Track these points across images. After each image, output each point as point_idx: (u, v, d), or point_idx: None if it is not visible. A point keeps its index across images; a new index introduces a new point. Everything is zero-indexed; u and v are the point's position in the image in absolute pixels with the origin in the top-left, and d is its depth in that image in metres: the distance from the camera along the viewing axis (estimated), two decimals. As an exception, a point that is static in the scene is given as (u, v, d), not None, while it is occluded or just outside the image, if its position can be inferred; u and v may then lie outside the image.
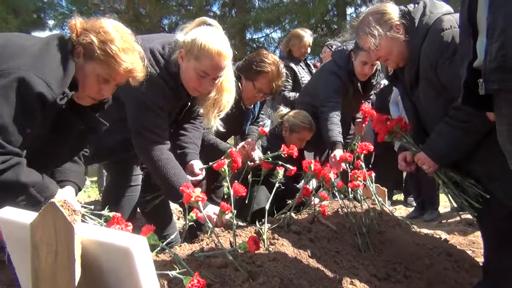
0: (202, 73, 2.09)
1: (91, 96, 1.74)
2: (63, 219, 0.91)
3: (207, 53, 2.04)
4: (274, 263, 1.69)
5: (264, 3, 13.75)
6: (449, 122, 1.92)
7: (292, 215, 2.21)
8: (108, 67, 1.67)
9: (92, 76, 1.68)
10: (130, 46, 1.73)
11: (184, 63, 2.12)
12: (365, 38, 2.10)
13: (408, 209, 5.38)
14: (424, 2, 2.07)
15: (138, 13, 13.08)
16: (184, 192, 1.64)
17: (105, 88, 1.73)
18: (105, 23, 1.70)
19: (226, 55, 2.09)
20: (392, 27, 2.04)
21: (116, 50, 1.65)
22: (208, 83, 2.14)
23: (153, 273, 0.94)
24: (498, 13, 1.17)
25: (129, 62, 1.69)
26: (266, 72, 2.71)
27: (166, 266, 1.54)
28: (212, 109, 2.28)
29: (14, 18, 12.68)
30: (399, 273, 2.12)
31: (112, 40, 1.66)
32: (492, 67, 1.18)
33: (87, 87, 1.70)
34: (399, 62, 2.11)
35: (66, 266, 0.91)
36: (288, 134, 3.31)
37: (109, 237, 0.94)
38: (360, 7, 13.79)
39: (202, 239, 2.01)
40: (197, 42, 2.05)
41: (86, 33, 1.66)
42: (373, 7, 2.16)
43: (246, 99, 2.85)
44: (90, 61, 1.66)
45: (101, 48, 1.64)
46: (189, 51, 2.08)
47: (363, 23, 2.12)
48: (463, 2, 1.39)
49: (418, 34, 1.99)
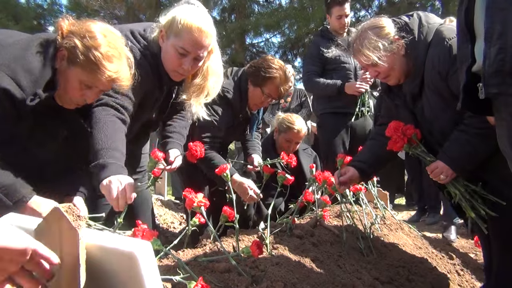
0: (182, 49, 1.96)
1: (74, 101, 1.68)
2: (68, 224, 0.91)
3: (187, 28, 1.93)
4: (277, 267, 1.69)
5: (264, 8, 13.78)
6: (465, 130, 1.90)
7: (294, 219, 2.21)
8: (91, 74, 1.60)
9: (74, 80, 1.61)
10: (117, 53, 1.65)
11: (164, 43, 2.01)
12: (366, 53, 2.02)
13: (410, 213, 5.37)
14: (418, 14, 2.06)
15: (138, 19, 13.10)
16: (187, 197, 1.64)
17: (88, 94, 1.67)
18: (93, 27, 1.62)
19: (207, 32, 1.96)
20: (392, 41, 2.01)
21: (100, 57, 1.57)
22: (188, 62, 1.99)
23: (157, 278, 0.94)
24: (496, 17, 1.17)
25: (112, 71, 1.61)
26: (275, 78, 2.74)
27: (170, 271, 1.54)
28: (197, 94, 2.16)
29: (14, 24, 12.71)
30: (402, 276, 2.12)
31: (97, 46, 1.58)
32: (491, 71, 1.18)
33: (69, 91, 1.64)
34: (400, 77, 2.07)
35: (71, 272, 0.91)
36: (277, 136, 3.35)
37: (113, 242, 0.94)
38: (359, 11, 13.84)
39: (205, 244, 2.00)
40: (176, 18, 1.95)
41: (71, 36, 1.59)
42: (369, 23, 2.10)
43: (253, 105, 2.88)
44: (73, 65, 1.59)
45: (84, 54, 1.57)
46: (169, 29, 1.97)
47: (363, 38, 2.05)
48: (460, 7, 1.39)
49: (420, 45, 1.98)
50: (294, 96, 5.29)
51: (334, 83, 3.69)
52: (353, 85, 3.63)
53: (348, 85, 3.64)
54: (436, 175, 1.98)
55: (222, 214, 1.76)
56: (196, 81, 2.13)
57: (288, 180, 2.31)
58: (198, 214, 1.69)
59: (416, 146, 2.10)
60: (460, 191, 1.98)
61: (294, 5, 12.98)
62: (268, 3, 13.90)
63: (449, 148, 1.97)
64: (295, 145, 3.40)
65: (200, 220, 1.72)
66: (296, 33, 13.08)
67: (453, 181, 1.99)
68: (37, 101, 1.55)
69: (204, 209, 1.65)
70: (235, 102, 2.78)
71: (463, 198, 1.97)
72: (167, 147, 2.25)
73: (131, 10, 13.19)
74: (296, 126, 3.31)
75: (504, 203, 1.88)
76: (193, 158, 1.97)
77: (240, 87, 2.81)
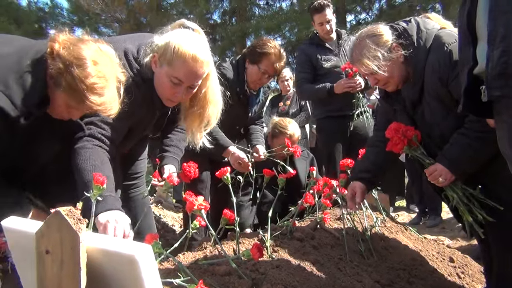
0: (175, 79, 1.88)
1: (61, 117, 1.65)
2: (69, 228, 0.92)
3: (180, 57, 1.83)
4: (278, 270, 1.69)
5: (265, 11, 13.82)
6: (466, 134, 1.91)
7: (295, 222, 2.21)
8: (74, 100, 1.54)
9: (60, 101, 1.57)
10: (105, 84, 1.56)
11: (157, 68, 1.93)
12: (365, 63, 2.01)
13: (410, 215, 5.37)
14: (416, 20, 2.06)
15: (139, 22, 13.16)
16: (187, 200, 1.65)
17: (74, 113, 1.64)
18: (84, 53, 1.53)
19: (202, 61, 1.87)
20: (390, 49, 2.00)
21: (84, 89, 1.50)
22: (182, 91, 1.92)
23: (158, 281, 0.94)
24: (499, 20, 1.18)
25: (96, 103, 1.54)
26: (270, 54, 2.87)
27: (170, 274, 1.54)
28: (198, 123, 2.09)
29: (16, 27, 12.76)
30: (403, 279, 2.12)
31: (82, 77, 1.50)
32: (494, 74, 1.18)
33: (56, 108, 1.61)
34: (399, 84, 2.08)
35: (72, 275, 0.92)
36: (271, 140, 3.36)
37: (114, 245, 0.95)
38: (359, 14, 13.87)
39: (205, 247, 2.01)
40: (170, 45, 1.85)
41: (59, 60, 1.52)
42: (367, 31, 2.08)
43: (251, 82, 2.98)
44: (58, 88, 1.53)
45: (68, 82, 1.50)
46: (162, 56, 1.88)
47: (361, 47, 2.04)
48: (461, 9, 1.40)
49: (419, 51, 1.98)
50: (293, 100, 5.29)
51: (324, 86, 3.70)
52: (340, 84, 3.63)
53: (336, 85, 3.64)
54: (435, 178, 1.98)
55: (223, 217, 1.76)
56: (194, 110, 2.06)
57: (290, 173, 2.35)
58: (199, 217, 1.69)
59: (416, 148, 2.09)
60: (458, 194, 1.98)
61: (295, 8, 13.03)
62: (268, 6, 13.95)
63: (449, 151, 1.97)
64: None
65: (200, 223, 1.72)
66: (296, 36, 13.10)
67: (452, 185, 1.99)
68: (31, 119, 1.54)
69: (205, 212, 1.66)
70: (233, 79, 2.91)
71: (461, 202, 1.97)
72: (163, 163, 2.22)
73: (132, 13, 13.25)
74: (289, 131, 3.35)
75: (502, 208, 1.87)
76: (187, 179, 1.97)
77: (237, 67, 2.97)
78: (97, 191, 1.45)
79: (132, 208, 2.54)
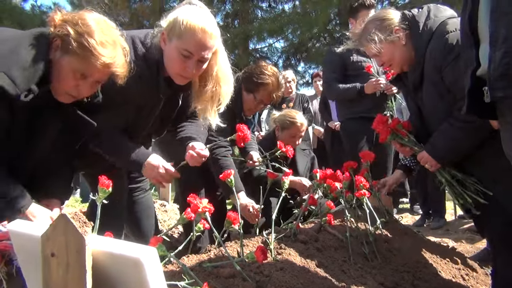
0: (185, 52, 1.89)
1: (68, 92, 1.63)
2: (74, 231, 0.92)
3: (190, 29, 1.86)
4: (282, 272, 1.69)
5: (267, 13, 13.83)
6: (451, 122, 1.97)
7: (298, 224, 2.21)
8: (84, 61, 1.55)
9: (67, 70, 1.57)
10: (111, 40, 1.61)
11: (166, 45, 1.95)
12: (367, 45, 2.16)
13: (414, 217, 5.36)
14: (429, 7, 2.11)
15: (142, 25, 13.17)
16: (191, 202, 1.65)
17: (83, 85, 1.62)
18: (86, 15, 1.59)
19: (211, 33, 1.90)
20: (392, 31, 2.10)
21: (94, 43, 1.53)
22: (193, 65, 1.93)
23: (163, 284, 0.94)
24: (500, 21, 1.18)
25: (107, 56, 1.57)
26: (267, 84, 2.77)
27: (175, 277, 1.54)
28: (211, 103, 2.11)
29: (20, 31, 12.80)
30: (407, 281, 2.11)
31: (90, 32, 1.54)
32: (496, 75, 1.19)
33: (62, 81, 1.60)
34: (403, 66, 2.17)
35: (78, 278, 0.92)
36: (281, 133, 3.38)
37: (119, 248, 0.95)
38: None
39: (209, 250, 2.01)
40: (178, 20, 1.89)
41: (63, 25, 1.56)
42: (374, 15, 2.26)
43: (247, 110, 2.92)
44: (66, 54, 1.55)
45: (77, 40, 1.53)
46: (171, 31, 1.91)
47: (365, 31, 2.19)
48: (463, 12, 1.40)
49: (422, 37, 2.03)
50: (296, 102, 5.32)
51: (354, 86, 3.68)
52: (371, 83, 3.60)
53: (367, 85, 3.62)
54: (424, 164, 2.12)
55: (227, 220, 1.76)
56: (208, 88, 2.06)
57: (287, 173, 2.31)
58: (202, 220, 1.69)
59: (403, 136, 2.23)
60: (446, 179, 2.09)
61: (297, 10, 13.04)
62: (271, 8, 13.96)
63: (434, 139, 2.07)
64: (299, 139, 3.47)
65: (204, 226, 1.73)
66: (299, 38, 13.12)
67: (440, 170, 2.11)
68: (31, 97, 1.52)
69: (209, 215, 1.66)
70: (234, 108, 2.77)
71: (450, 186, 2.08)
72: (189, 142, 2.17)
73: (135, 16, 13.28)
74: (299, 120, 3.41)
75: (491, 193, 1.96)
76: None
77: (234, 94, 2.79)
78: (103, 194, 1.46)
79: (137, 211, 2.55)
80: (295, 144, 3.37)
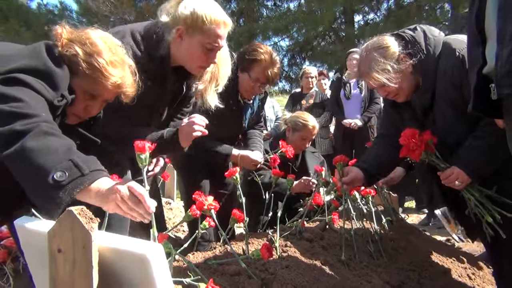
0: (210, 45, 1.94)
1: (77, 114, 1.57)
2: (81, 227, 0.92)
3: (214, 24, 1.91)
4: (287, 270, 1.69)
5: (272, 12, 13.85)
6: (482, 137, 1.90)
7: (304, 222, 2.21)
8: (95, 82, 1.50)
9: (76, 92, 1.50)
10: (119, 59, 1.57)
11: (185, 40, 1.94)
12: (374, 75, 2.00)
13: (420, 216, 5.33)
14: (421, 27, 2.05)
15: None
16: (197, 200, 1.65)
17: (92, 105, 1.57)
18: (92, 34, 1.54)
19: (229, 24, 1.99)
20: (398, 60, 1.99)
21: (104, 63, 1.49)
22: (215, 55, 2.00)
23: (169, 280, 0.95)
24: (508, 18, 1.17)
25: (117, 76, 1.53)
26: (260, 60, 2.68)
27: (181, 274, 1.55)
28: (209, 84, 2.16)
29: (26, 30, 12.88)
30: (413, 280, 2.10)
31: (99, 52, 1.50)
32: (503, 72, 1.18)
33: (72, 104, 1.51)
34: (409, 94, 2.07)
35: (84, 274, 0.93)
36: (291, 135, 3.35)
37: (125, 244, 0.95)
38: (368, 14, 13.82)
39: (215, 247, 2.01)
40: (199, 14, 1.89)
41: (70, 44, 1.49)
42: (373, 43, 2.07)
43: (244, 91, 2.82)
44: (75, 76, 1.48)
45: (86, 61, 1.47)
46: (191, 26, 1.90)
47: (369, 60, 2.03)
48: (470, 9, 1.40)
49: (429, 58, 1.97)
50: (316, 98, 5.47)
51: None
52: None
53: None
54: (451, 181, 1.96)
55: (232, 217, 1.76)
56: (208, 70, 2.11)
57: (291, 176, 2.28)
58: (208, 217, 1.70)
59: (431, 153, 2.05)
60: (474, 196, 1.97)
61: (303, 8, 13.04)
62: (276, 7, 13.97)
63: (465, 154, 1.96)
64: (309, 142, 3.44)
65: (210, 223, 1.73)
66: (304, 37, 13.12)
67: (468, 187, 1.98)
68: (64, 103, 1.45)
69: (214, 212, 1.66)
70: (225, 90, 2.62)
71: (479, 203, 1.95)
72: None
73: (140, 15, 13.33)
74: (311, 123, 3.35)
75: None
76: None
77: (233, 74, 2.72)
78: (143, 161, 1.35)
79: None
80: (304, 147, 3.37)
